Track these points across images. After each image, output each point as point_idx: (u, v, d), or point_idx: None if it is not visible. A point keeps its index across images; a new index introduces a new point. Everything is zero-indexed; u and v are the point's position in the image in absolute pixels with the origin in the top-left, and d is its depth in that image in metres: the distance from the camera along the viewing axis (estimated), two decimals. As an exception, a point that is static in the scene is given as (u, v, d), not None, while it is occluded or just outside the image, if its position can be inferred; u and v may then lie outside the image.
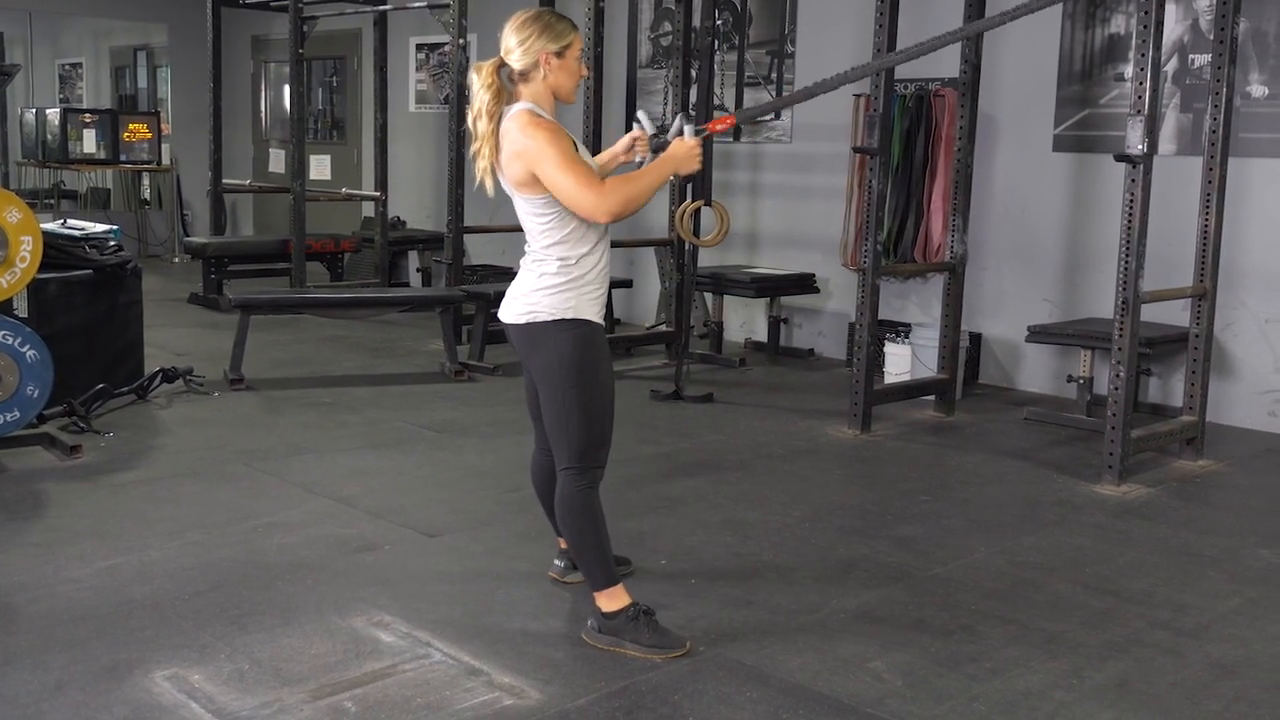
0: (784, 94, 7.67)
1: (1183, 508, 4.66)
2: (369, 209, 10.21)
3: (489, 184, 3.19)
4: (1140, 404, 6.07)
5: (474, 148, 3.16)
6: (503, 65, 3.15)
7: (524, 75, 3.14)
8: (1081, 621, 3.48)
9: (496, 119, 3.11)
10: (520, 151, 3.06)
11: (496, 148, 3.12)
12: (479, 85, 3.12)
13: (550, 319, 3.13)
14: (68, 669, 2.98)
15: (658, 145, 3.31)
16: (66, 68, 13.79)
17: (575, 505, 3.19)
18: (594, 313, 3.18)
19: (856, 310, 5.71)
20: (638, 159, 3.43)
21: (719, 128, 3.40)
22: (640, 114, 3.43)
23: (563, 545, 3.64)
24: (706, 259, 7.43)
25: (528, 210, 3.15)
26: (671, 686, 2.98)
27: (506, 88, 3.15)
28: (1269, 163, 5.85)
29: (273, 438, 5.27)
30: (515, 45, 3.13)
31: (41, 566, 3.67)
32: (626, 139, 3.42)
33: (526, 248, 3.21)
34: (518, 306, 3.20)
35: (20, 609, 3.35)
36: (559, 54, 3.13)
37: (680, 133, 3.22)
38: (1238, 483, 5.07)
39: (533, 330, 3.16)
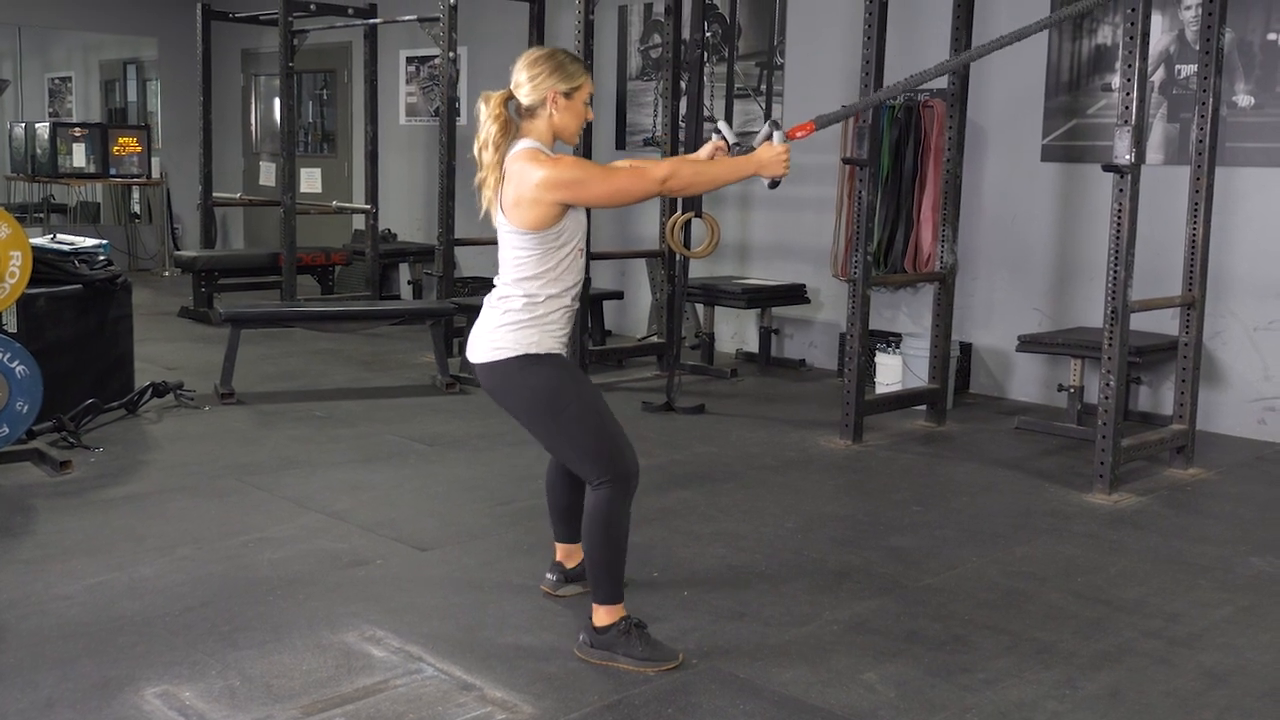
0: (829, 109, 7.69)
1: (1174, 516, 4.67)
2: (359, 222, 10.22)
3: (495, 215, 3.19)
4: (1130, 412, 6.09)
5: (479, 177, 3.16)
6: (510, 98, 3.15)
7: (530, 111, 3.14)
8: (1074, 631, 3.48)
9: (502, 151, 3.12)
10: (553, 184, 3.03)
11: (501, 179, 3.12)
12: (486, 115, 3.12)
13: (515, 355, 3.12)
14: (58, 686, 2.97)
15: (738, 155, 3.33)
16: (56, 82, 13.76)
17: (601, 516, 3.16)
18: (558, 347, 3.17)
19: (847, 320, 5.72)
20: None
21: (800, 134, 3.43)
22: (721, 124, 3.43)
23: (557, 558, 3.64)
24: (697, 270, 7.43)
25: (513, 244, 3.14)
26: (664, 700, 2.97)
27: (514, 120, 3.16)
28: (1256, 172, 5.88)
29: (264, 452, 5.26)
30: (525, 80, 3.13)
31: (31, 583, 3.66)
32: (708, 147, 3.40)
33: (496, 280, 3.20)
34: (483, 345, 3.18)
35: (10, 626, 3.34)
36: (567, 94, 3.13)
37: (769, 138, 3.27)
38: (1228, 491, 5.08)
39: (501, 369, 3.15)
